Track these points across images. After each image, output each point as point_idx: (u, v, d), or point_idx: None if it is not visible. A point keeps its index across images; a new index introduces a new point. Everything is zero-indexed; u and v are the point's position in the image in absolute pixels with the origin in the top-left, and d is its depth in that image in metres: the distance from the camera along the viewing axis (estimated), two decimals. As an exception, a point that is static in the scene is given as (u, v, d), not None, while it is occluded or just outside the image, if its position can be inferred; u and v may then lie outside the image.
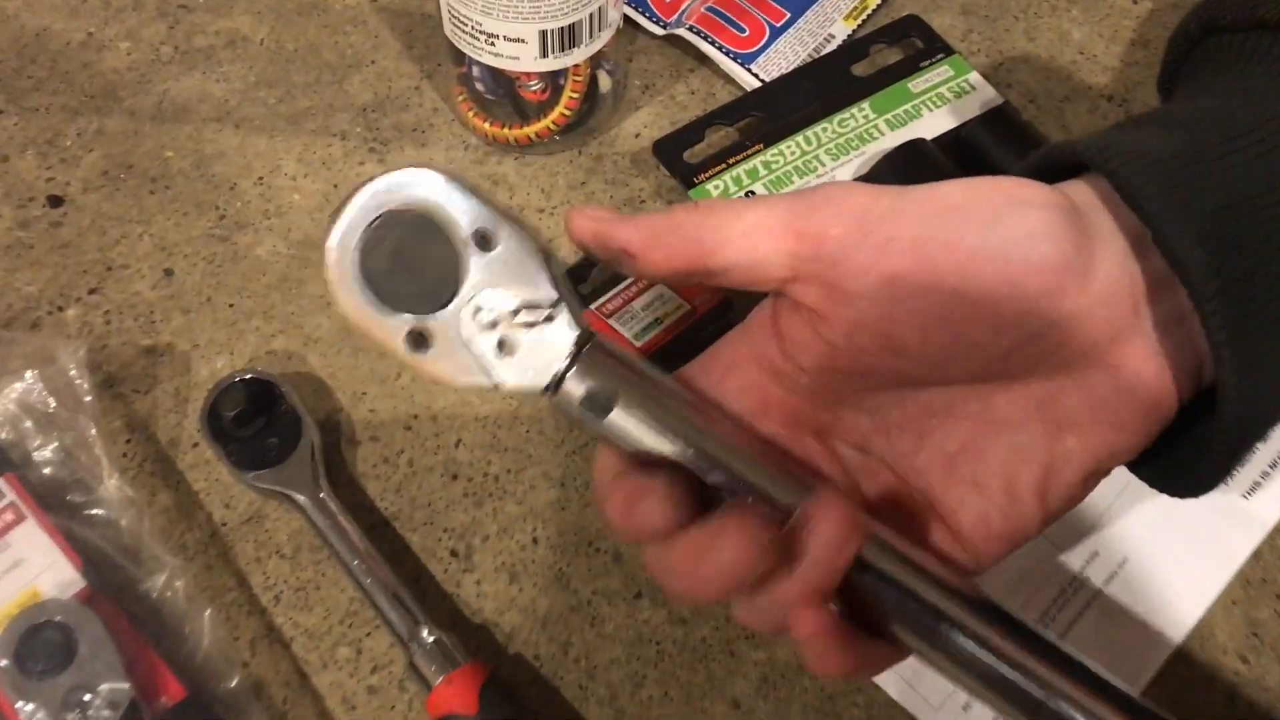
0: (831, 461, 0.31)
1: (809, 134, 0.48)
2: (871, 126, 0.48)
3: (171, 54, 0.52)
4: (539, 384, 0.28)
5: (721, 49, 0.51)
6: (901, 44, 0.52)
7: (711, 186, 0.46)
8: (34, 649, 0.34)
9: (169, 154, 0.49)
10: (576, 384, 0.28)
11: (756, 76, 0.50)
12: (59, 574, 0.37)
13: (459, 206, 0.28)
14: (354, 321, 0.29)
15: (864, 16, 0.53)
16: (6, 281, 0.45)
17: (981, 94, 0.49)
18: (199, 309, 0.45)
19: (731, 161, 0.47)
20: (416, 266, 0.28)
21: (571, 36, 0.44)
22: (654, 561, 0.28)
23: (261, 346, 0.44)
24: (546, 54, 0.44)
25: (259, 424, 0.40)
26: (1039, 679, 0.27)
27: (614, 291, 0.43)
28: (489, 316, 0.28)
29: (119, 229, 0.47)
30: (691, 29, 0.51)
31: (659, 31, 0.52)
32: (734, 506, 0.27)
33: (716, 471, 0.28)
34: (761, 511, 0.27)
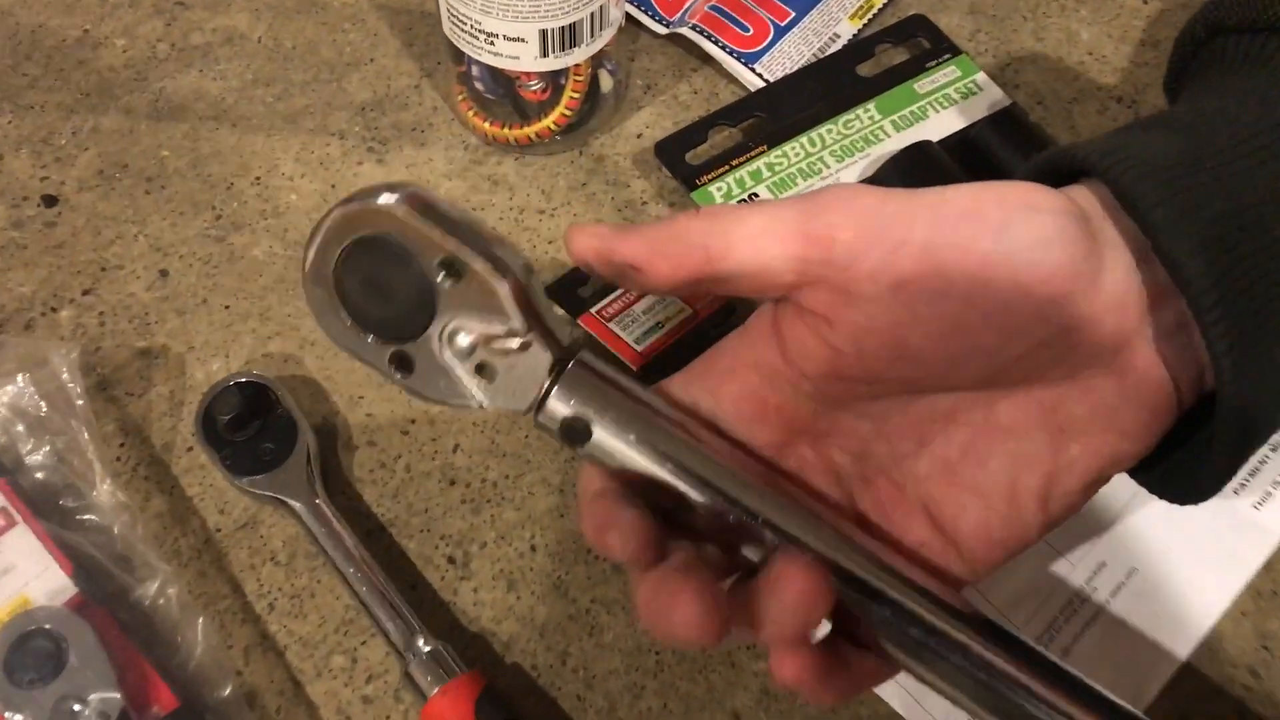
0: (825, 471, 0.31)
1: (813, 135, 0.47)
2: (877, 128, 0.47)
3: (168, 51, 0.51)
4: (520, 407, 0.28)
5: (725, 48, 0.50)
6: (908, 44, 0.51)
7: (714, 189, 0.45)
8: (23, 657, 0.34)
9: (165, 153, 0.48)
10: (555, 409, 0.28)
11: (760, 76, 0.50)
12: (50, 581, 0.36)
13: (420, 239, 0.27)
14: (338, 346, 0.29)
15: (870, 16, 0.52)
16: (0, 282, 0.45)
17: (989, 95, 0.48)
18: (194, 311, 0.44)
19: (735, 163, 0.46)
20: (391, 292, 0.28)
21: (572, 36, 0.43)
22: (632, 587, 0.27)
23: (257, 349, 0.43)
24: (547, 53, 0.43)
25: (254, 428, 0.40)
26: (1035, 696, 0.26)
27: (615, 295, 0.42)
28: (465, 342, 0.28)
29: (114, 229, 0.46)
30: (695, 28, 0.51)
31: (661, 30, 0.52)
32: (687, 555, 0.27)
33: (698, 493, 0.28)
34: (733, 542, 0.27)
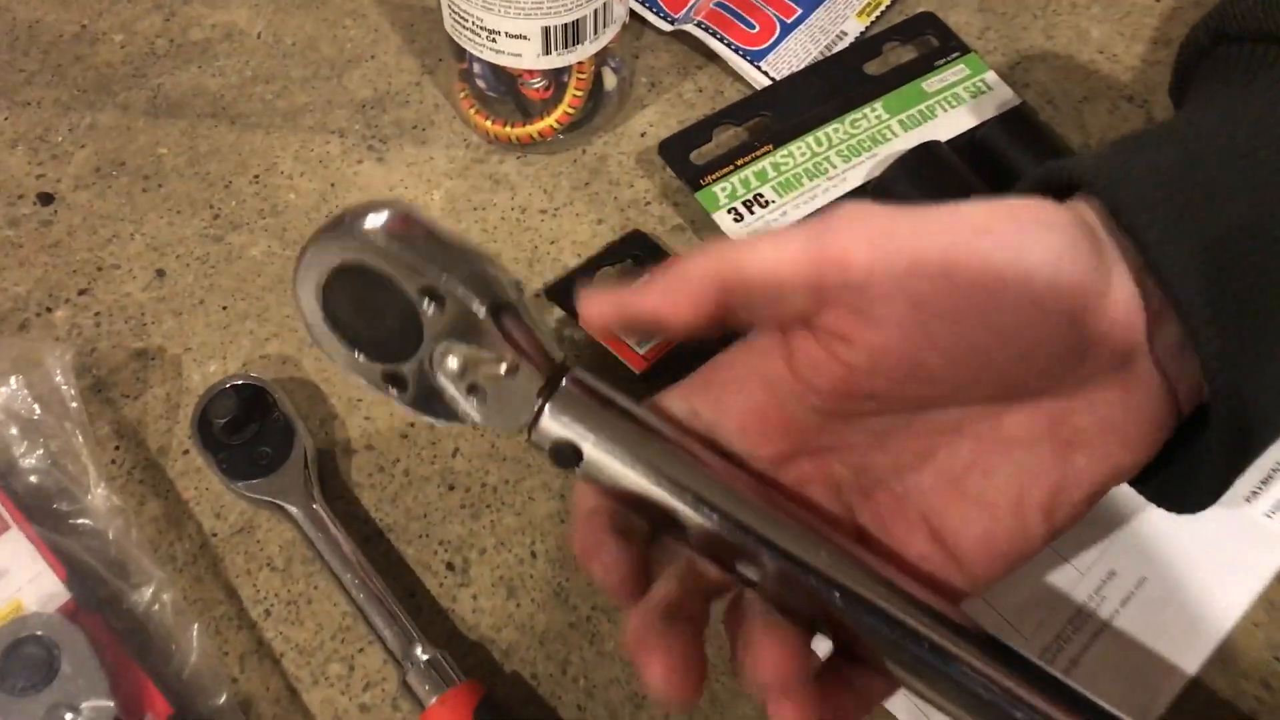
0: (824, 484, 0.31)
1: (820, 135, 0.46)
2: (884, 127, 0.46)
3: (166, 47, 0.51)
4: (512, 428, 0.28)
5: (730, 46, 0.50)
6: (916, 42, 0.50)
7: (719, 189, 0.45)
8: (15, 664, 0.34)
9: (162, 150, 0.48)
10: (546, 431, 0.28)
11: (766, 74, 0.49)
12: (43, 586, 0.36)
13: (399, 268, 0.27)
14: (332, 363, 0.29)
15: (877, 13, 0.51)
16: (-6, 281, 0.44)
17: (998, 94, 0.48)
18: (191, 311, 0.44)
19: (740, 163, 0.45)
20: (379, 316, 0.28)
21: (575, 33, 0.42)
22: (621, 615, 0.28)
23: (255, 350, 0.43)
24: (549, 51, 0.43)
25: (251, 431, 0.39)
26: (1037, 712, 0.26)
27: (617, 298, 0.42)
28: (454, 365, 0.28)
29: (110, 228, 0.46)
30: (700, 25, 0.50)
31: (666, 27, 0.51)
32: (672, 596, 0.27)
33: (694, 513, 0.27)
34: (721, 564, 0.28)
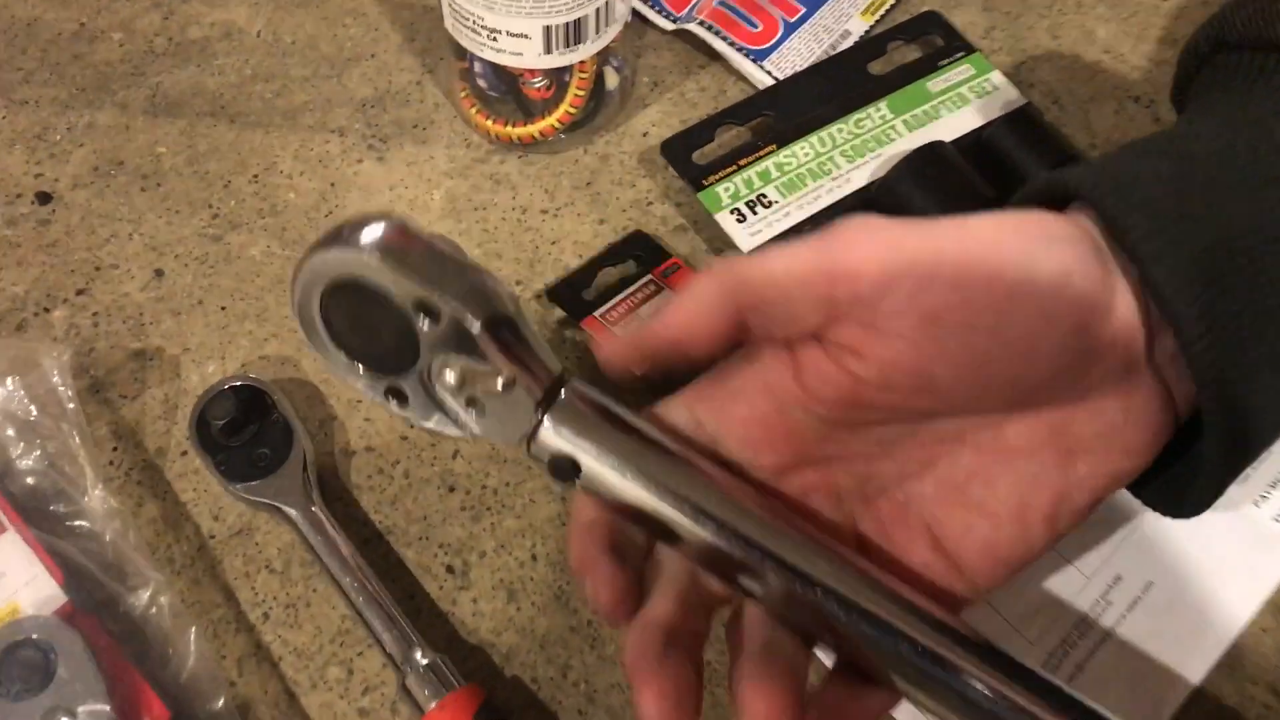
0: (826, 492, 0.31)
1: (824, 134, 0.46)
2: (889, 127, 0.46)
3: (165, 46, 0.51)
4: (510, 441, 0.28)
5: (733, 45, 0.49)
6: (920, 41, 0.50)
7: (721, 189, 0.44)
8: (11, 668, 0.33)
9: (161, 150, 0.48)
10: (543, 445, 0.28)
11: (769, 74, 0.49)
12: (40, 589, 0.35)
13: (394, 283, 0.27)
14: (332, 374, 0.29)
15: (882, 12, 0.51)
16: (-8, 281, 0.44)
17: (1003, 94, 0.47)
18: (190, 311, 0.43)
19: (743, 163, 0.45)
20: (376, 331, 0.28)
21: (577, 32, 0.42)
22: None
23: (254, 351, 0.43)
24: (551, 50, 0.42)
25: (250, 433, 0.39)
26: None
27: (617, 299, 0.41)
28: (452, 378, 0.28)
29: (108, 227, 0.45)
30: (702, 24, 0.50)
31: (669, 26, 0.51)
32: (671, 619, 0.27)
33: (693, 525, 0.27)
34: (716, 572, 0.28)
